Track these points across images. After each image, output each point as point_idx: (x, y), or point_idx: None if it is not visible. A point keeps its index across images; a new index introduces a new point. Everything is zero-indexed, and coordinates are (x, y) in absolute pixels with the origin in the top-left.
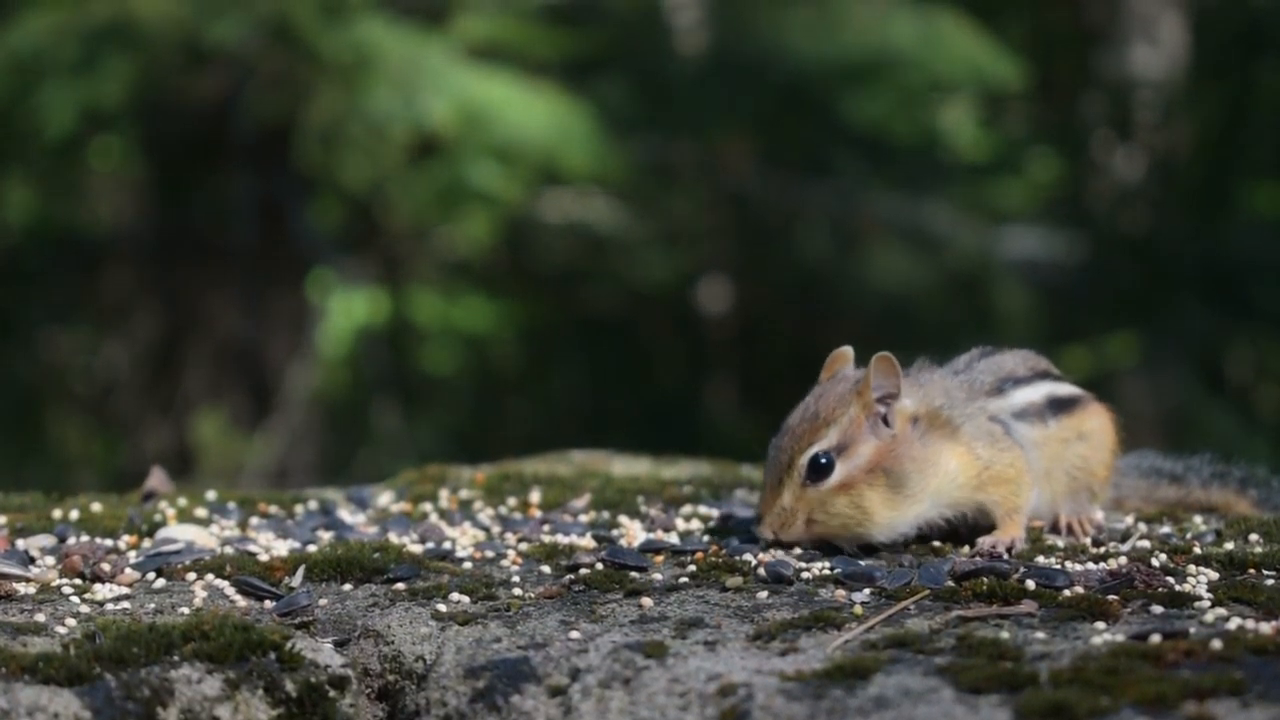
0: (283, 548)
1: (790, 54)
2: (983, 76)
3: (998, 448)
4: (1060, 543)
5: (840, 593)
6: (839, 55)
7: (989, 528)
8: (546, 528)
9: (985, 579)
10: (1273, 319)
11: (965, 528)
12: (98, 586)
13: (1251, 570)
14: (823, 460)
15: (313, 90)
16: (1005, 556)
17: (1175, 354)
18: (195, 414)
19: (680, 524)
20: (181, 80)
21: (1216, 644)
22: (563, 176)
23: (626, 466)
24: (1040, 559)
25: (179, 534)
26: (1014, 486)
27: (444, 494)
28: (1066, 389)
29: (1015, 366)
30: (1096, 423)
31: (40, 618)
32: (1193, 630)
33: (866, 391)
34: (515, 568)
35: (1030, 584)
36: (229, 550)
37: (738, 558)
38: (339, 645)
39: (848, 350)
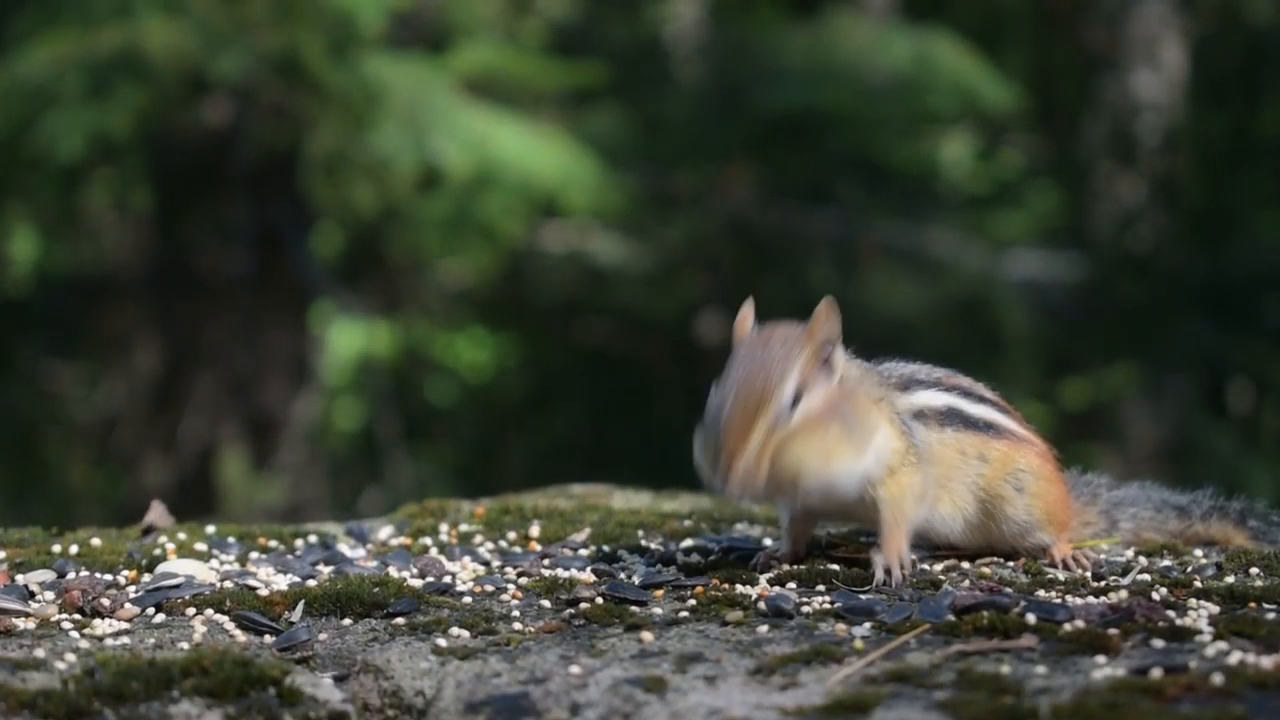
0: (282, 582)
1: (786, 79)
2: (977, 99)
3: (911, 442)
4: (1060, 576)
5: (840, 627)
6: (834, 80)
7: None
8: (546, 561)
9: (986, 613)
10: (1276, 339)
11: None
12: (97, 622)
13: (1252, 604)
14: (789, 402)
15: (316, 121)
16: (891, 584)
17: (1178, 375)
18: (215, 455)
19: (680, 558)
20: (184, 111)
21: (1217, 678)
22: (566, 211)
23: (627, 500)
24: (1040, 593)
25: (179, 569)
26: (910, 491)
27: (444, 528)
28: (981, 411)
29: (916, 371)
30: (1005, 451)
31: (40, 653)
32: (1193, 664)
33: (817, 335)
34: (515, 602)
35: (1031, 618)
36: (229, 585)
37: (738, 590)
38: (339, 680)
39: (748, 309)
